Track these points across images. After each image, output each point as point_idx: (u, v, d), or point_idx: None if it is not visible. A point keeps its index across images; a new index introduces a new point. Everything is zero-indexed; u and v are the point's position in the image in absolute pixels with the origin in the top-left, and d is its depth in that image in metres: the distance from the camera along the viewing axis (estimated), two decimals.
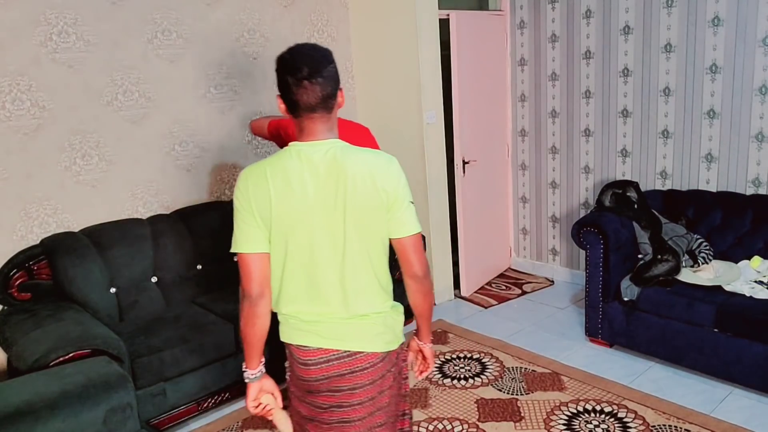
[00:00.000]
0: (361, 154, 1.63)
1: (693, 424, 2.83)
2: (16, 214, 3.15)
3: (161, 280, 3.45)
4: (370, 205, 1.60)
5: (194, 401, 3.07)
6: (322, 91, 1.58)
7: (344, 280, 1.63)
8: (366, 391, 1.68)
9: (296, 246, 1.62)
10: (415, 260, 1.69)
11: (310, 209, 1.59)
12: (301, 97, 1.58)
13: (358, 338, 1.66)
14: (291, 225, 1.60)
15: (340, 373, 1.66)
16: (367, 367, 1.67)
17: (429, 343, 1.88)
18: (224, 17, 3.82)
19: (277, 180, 1.59)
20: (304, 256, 1.63)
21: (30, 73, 3.13)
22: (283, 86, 1.61)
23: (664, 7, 3.87)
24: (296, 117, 1.62)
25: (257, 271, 1.66)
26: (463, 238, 4.52)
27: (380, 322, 1.69)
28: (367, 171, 1.60)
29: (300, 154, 1.61)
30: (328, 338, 1.65)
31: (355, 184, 1.58)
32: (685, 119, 3.91)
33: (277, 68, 1.64)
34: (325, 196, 1.59)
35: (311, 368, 1.67)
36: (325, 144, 1.62)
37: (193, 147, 3.77)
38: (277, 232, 1.62)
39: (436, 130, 4.29)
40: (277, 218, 1.60)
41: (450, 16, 4.26)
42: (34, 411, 2.09)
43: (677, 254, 3.41)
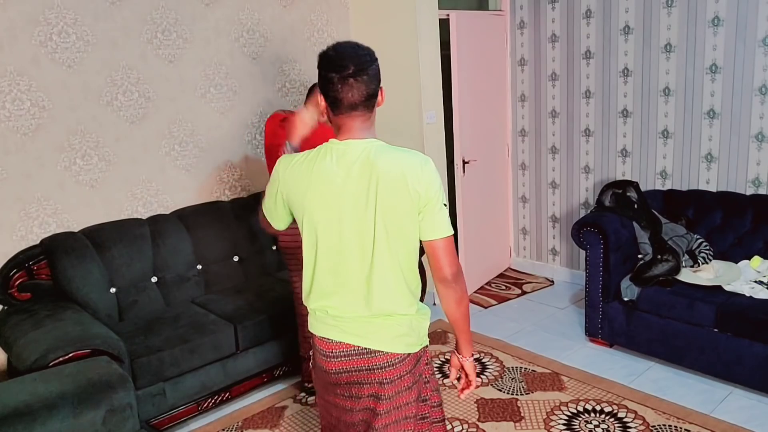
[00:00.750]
0: (395, 153, 1.62)
1: (693, 424, 2.83)
2: (15, 214, 3.15)
3: (161, 280, 3.45)
4: (401, 205, 1.59)
5: (194, 401, 3.06)
6: (366, 89, 1.62)
7: (371, 280, 1.63)
8: (384, 389, 1.67)
9: (326, 242, 1.64)
10: (445, 263, 1.66)
11: (340, 207, 1.61)
12: (345, 95, 1.59)
13: (380, 337, 1.66)
14: (321, 221, 1.63)
15: (359, 369, 1.67)
16: (386, 366, 1.66)
17: (469, 357, 1.82)
18: (223, 17, 3.82)
19: (311, 175, 1.63)
20: (333, 253, 1.64)
21: (29, 73, 3.13)
22: (326, 83, 1.61)
23: (664, 7, 3.87)
24: (337, 114, 1.63)
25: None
26: (463, 238, 4.52)
27: (405, 323, 1.68)
28: (399, 171, 1.58)
29: (336, 152, 1.63)
30: (350, 334, 1.67)
31: (387, 184, 1.57)
32: (685, 119, 3.90)
33: (319, 65, 1.63)
34: (356, 195, 1.59)
35: (332, 360, 1.69)
36: (361, 143, 1.62)
37: (192, 147, 3.77)
38: (308, 226, 1.66)
39: (436, 130, 4.28)
40: (309, 213, 1.64)
41: (450, 16, 4.26)
42: (32, 412, 2.09)
43: (677, 254, 3.41)
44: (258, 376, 3.29)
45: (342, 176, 1.60)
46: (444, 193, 1.66)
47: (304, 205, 1.64)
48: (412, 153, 1.64)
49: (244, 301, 3.40)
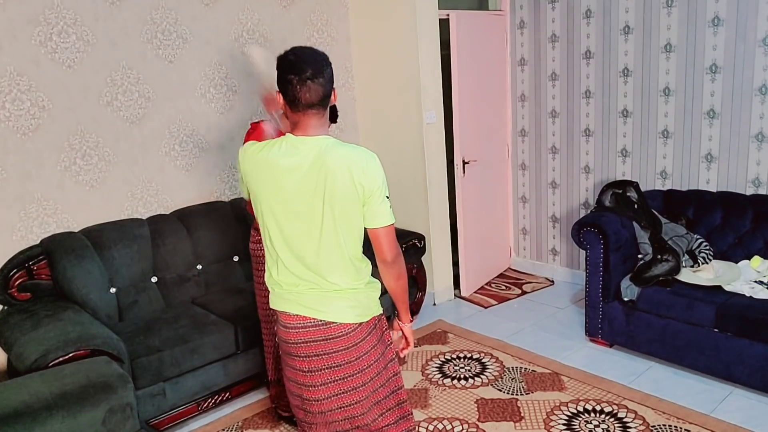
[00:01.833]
0: (344, 150, 1.79)
1: (693, 424, 2.83)
2: (15, 214, 3.15)
3: (161, 280, 3.45)
4: (347, 196, 1.78)
5: (194, 401, 3.06)
6: (322, 90, 1.79)
7: (320, 260, 1.84)
8: (341, 355, 1.88)
9: (282, 226, 1.83)
10: (386, 248, 1.87)
11: (291, 196, 1.79)
12: (303, 95, 1.76)
13: (332, 310, 1.86)
14: (276, 207, 1.82)
15: (315, 339, 1.87)
16: (339, 336, 1.87)
17: (407, 323, 2.07)
18: (223, 17, 3.82)
19: (268, 164, 1.80)
20: (287, 235, 1.84)
21: (29, 73, 3.13)
22: (285, 84, 1.79)
23: (664, 7, 3.87)
24: (294, 112, 1.80)
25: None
26: (463, 238, 4.52)
27: (352, 297, 1.89)
28: (346, 166, 1.76)
29: (291, 146, 1.80)
30: (305, 307, 1.87)
31: (335, 177, 1.76)
32: (685, 119, 3.90)
33: (279, 67, 1.83)
34: (306, 186, 1.78)
35: (290, 331, 1.89)
36: (314, 140, 1.80)
37: (192, 147, 3.77)
38: (266, 209, 1.84)
39: (436, 130, 4.28)
40: (265, 199, 1.83)
41: (450, 16, 4.26)
42: (31, 412, 2.08)
43: (677, 254, 3.41)
44: (258, 376, 3.29)
45: (295, 168, 1.78)
46: (387, 187, 1.86)
47: (260, 191, 1.83)
48: (359, 149, 1.82)
49: (244, 301, 3.40)
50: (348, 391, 1.91)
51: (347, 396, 1.91)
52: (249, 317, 3.23)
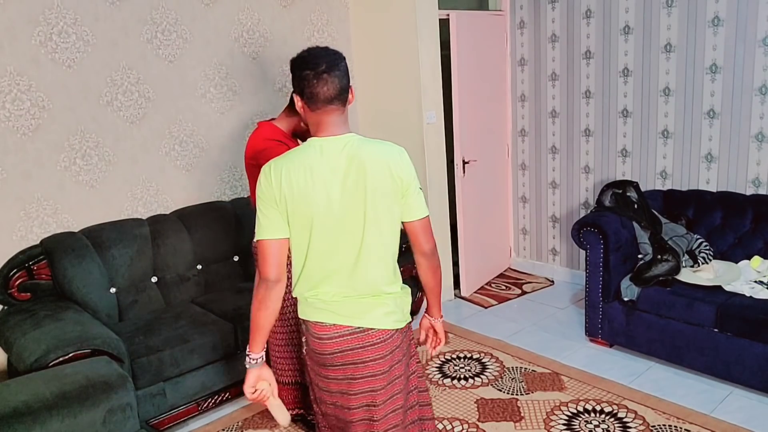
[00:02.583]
0: (376, 146, 1.78)
1: (693, 424, 2.83)
2: (15, 214, 3.15)
3: (161, 280, 3.45)
4: (387, 190, 1.76)
5: (194, 401, 3.06)
6: (339, 83, 1.75)
7: (359, 262, 1.78)
8: (378, 364, 1.82)
9: (319, 234, 1.75)
10: (425, 240, 1.87)
11: (331, 200, 1.73)
12: (321, 89, 1.72)
13: (370, 316, 1.81)
14: (314, 215, 1.73)
15: (353, 347, 1.80)
16: (377, 342, 1.81)
17: (440, 318, 2.07)
18: (223, 17, 3.82)
19: (300, 173, 1.71)
20: (325, 242, 1.76)
21: (29, 73, 3.13)
22: (302, 81, 1.75)
23: (664, 7, 3.87)
24: (314, 110, 1.75)
25: (277, 257, 1.78)
26: (463, 238, 4.52)
27: (390, 301, 1.84)
28: (384, 161, 1.75)
29: (321, 148, 1.75)
30: (342, 315, 1.80)
31: (375, 174, 1.74)
32: (685, 119, 3.90)
33: (294, 67, 1.78)
34: (347, 187, 1.73)
35: (326, 342, 1.81)
36: (341, 138, 1.76)
37: (192, 147, 3.77)
38: (300, 221, 1.75)
39: (436, 130, 4.28)
40: (301, 209, 1.73)
41: (450, 16, 4.26)
42: (31, 412, 2.08)
43: (677, 254, 3.41)
44: None
45: (331, 171, 1.73)
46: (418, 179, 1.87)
47: (295, 201, 1.72)
48: (388, 144, 1.81)
49: (244, 301, 3.40)
50: (374, 405, 1.85)
51: (372, 410, 1.86)
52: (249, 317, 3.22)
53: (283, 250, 1.78)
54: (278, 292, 1.79)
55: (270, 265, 1.77)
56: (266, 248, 1.77)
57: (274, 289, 1.78)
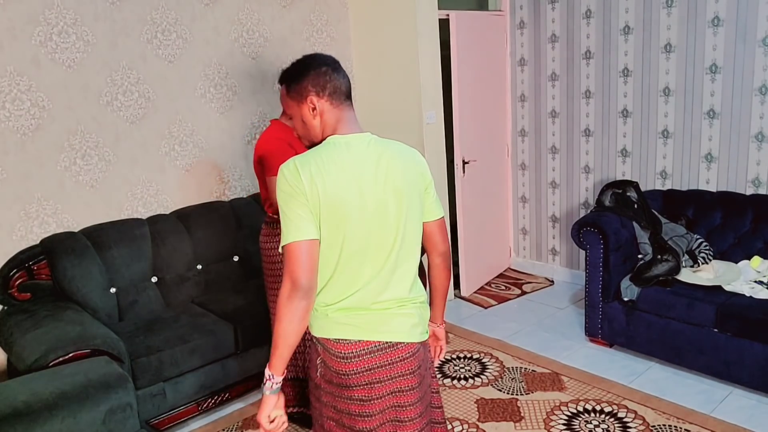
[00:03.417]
0: (396, 144, 1.73)
1: (693, 424, 2.83)
2: (15, 214, 3.15)
3: (161, 280, 3.45)
4: (416, 189, 1.72)
5: (194, 401, 3.06)
6: (348, 80, 1.74)
7: (390, 267, 1.68)
8: (405, 380, 1.71)
9: (353, 235, 1.63)
10: (442, 240, 1.84)
11: (365, 199, 1.63)
12: (342, 81, 1.70)
13: (398, 329, 1.70)
14: (347, 214, 1.62)
15: (380, 365, 1.67)
16: (406, 357, 1.70)
17: (442, 324, 2.02)
18: (223, 17, 3.82)
19: (330, 170, 1.60)
20: (358, 244, 1.64)
21: (29, 73, 3.13)
22: (321, 76, 1.68)
23: (664, 7, 3.87)
24: (337, 105, 1.69)
25: (310, 260, 1.61)
26: (463, 238, 4.52)
27: (416, 312, 1.75)
28: (410, 157, 1.72)
29: (348, 145, 1.66)
30: (368, 330, 1.67)
31: (405, 170, 1.68)
32: (685, 119, 3.90)
33: (303, 68, 1.71)
34: (378, 184, 1.65)
35: (351, 361, 1.66)
36: (364, 136, 1.69)
37: (192, 147, 3.77)
38: (334, 222, 1.61)
39: (436, 130, 4.28)
40: (334, 208, 1.60)
41: (450, 16, 4.26)
42: (31, 412, 2.08)
43: (677, 254, 3.41)
44: (258, 376, 3.29)
45: (360, 166, 1.64)
46: None
47: (327, 200, 1.59)
48: (404, 144, 1.77)
49: (244, 301, 3.41)
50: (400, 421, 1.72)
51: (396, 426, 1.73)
52: (249, 317, 3.24)
53: (317, 252, 1.63)
54: (312, 300, 1.62)
55: (305, 270, 1.59)
56: (300, 251, 1.59)
57: (309, 298, 1.61)
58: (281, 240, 1.63)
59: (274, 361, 1.63)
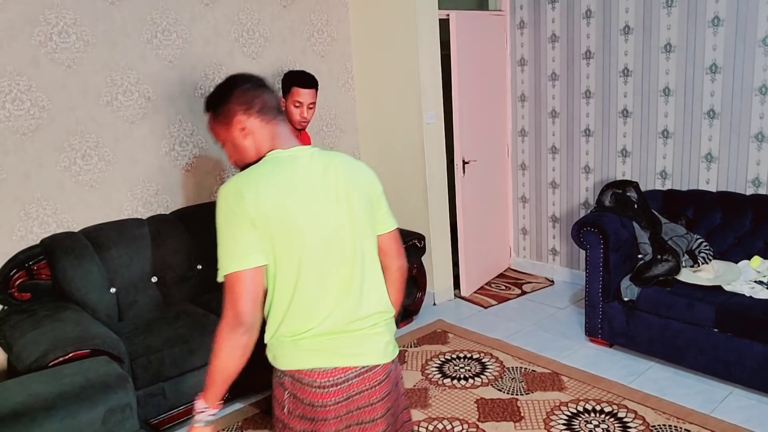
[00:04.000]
0: (341, 155, 1.65)
1: (693, 424, 2.83)
2: (15, 214, 3.15)
3: (161, 280, 3.45)
4: (368, 197, 1.63)
5: (194, 401, 3.05)
6: (276, 98, 1.70)
7: (355, 284, 1.57)
8: (384, 403, 1.61)
9: (310, 255, 1.51)
10: (399, 253, 1.75)
11: (319, 214, 1.52)
12: (268, 97, 1.65)
13: (373, 351, 1.59)
14: (302, 232, 1.50)
15: (360, 391, 1.55)
16: (382, 381, 1.60)
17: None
18: (223, 17, 3.82)
19: (278, 186, 1.49)
20: (317, 265, 1.52)
21: (29, 73, 3.13)
22: (245, 96, 1.63)
23: (664, 7, 3.87)
24: (270, 120, 1.62)
25: (255, 291, 1.48)
26: (463, 238, 4.52)
27: (386, 328, 1.64)
28: (357, 167, 1.64)
29: (292, 159, 1.56)
30: (343, 355, 1.55)
31: (356, 181, 1.60)
32: (685, 119, 3.90)
33: (229, 91, 1.65)
34: (330, 197, 1.55)
35: (329, 390, 1.52)
36: (307, 148, 1.61)
37: (192, 147, 3.77)
38: (285, 242, 1.49)
39: (436, 130, 4.28)
40: (285, 227, 1.48)
41: (450, 16, 4.26)
42: (30, 412, 2.08)
43: (677, 254, 3.41)
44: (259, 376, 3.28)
45: (309, 179, 1.54)
46: None
47: (278, 219, 1.47)
48: (349, 155, 1.70)
49: None
50: None
51: None
52: None
53: (261, 281, 1.49)
54: (254, 337, 1.50)
55: (247, 302, 1.46)
56: (242, 281, 1.45)
57: (252, 332, 1.48)
58: (219, 269, 1.48)
59: (210, 394, 1.57)
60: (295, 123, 3.08)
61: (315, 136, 4.21)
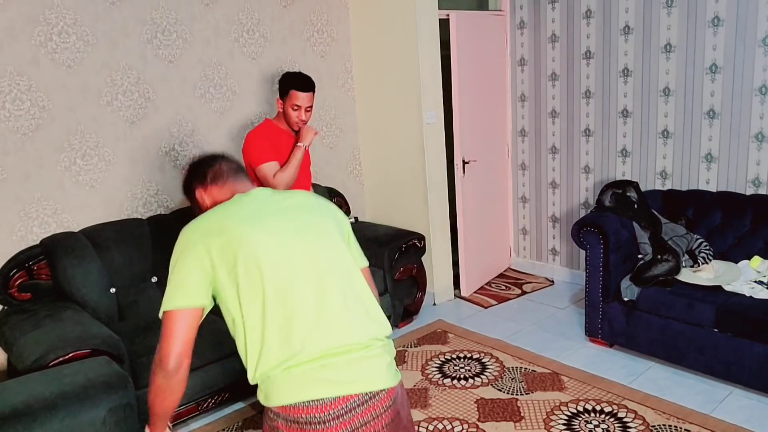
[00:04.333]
0: (303, 191, 1.80)
1: (693, 424, 2.83)
2: (15, 214, 3.15)
3: (161, 280, 3.45)
4: (339, 229, 1.67)
5: (194, 401, 3.06)
6: (234, 162, 1.87)
7: (344, 303, 1.54)
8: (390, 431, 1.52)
9: (274, 280, 1.49)
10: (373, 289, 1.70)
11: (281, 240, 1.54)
12: (220, 165, 1.79)
13: (375, 374, 1.50)
14: (265, 260, 1.48)
15: (365, 421, 1.45)
16: (389, 407, 1.50)
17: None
18: (223, 17, 3.82)
19: (240, 218, 1.55)
20: (283, 288, 1.49)
21: (29, 74, 3.13)
22: (198, 172, 1.80)
23: (664, 7, 3.87)
24: (226, 181, 1.76)
25: (185, 334, 1.48)
26: (463, 238, 4.52)
27: (386, 350, 1.57)
28: (321, 202, 1.74)
29: (252, 195, 1.68)
30: (347, 383, 1.45)
31: (320, 213, 1.67)
32: (685, 119, 3.90)
33: (189, 177, 1.83)
34: (292, 223, 1.60)
35: (332, 425, 1.41)
36: (266, 189, 1.75)
37: (192, 147, 3.77)
38: (250, 271, 1.48)
39: (436, 130, 4.28)
40: (248, 257, 1.48)
41: (450, 16, 4.26)
42: (31, 412, 2.08)
43: (677, 254, 3.41)
44: None
45: (268, 209, 1.62)
46: None
47: (246, 255, 1.48)
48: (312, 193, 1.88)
49: None
50: None
51: None
52: None
53: (194, 324, 1.49)
54: (182, 378, 1.47)
55: (173, 343, 1.44)
56: (176, 320, 1.45)
57: (171, 380, 1.45)
58: (162, 305, 1.50)
59: (157, 423, 1.57)
60: (292, 125, 3.10)
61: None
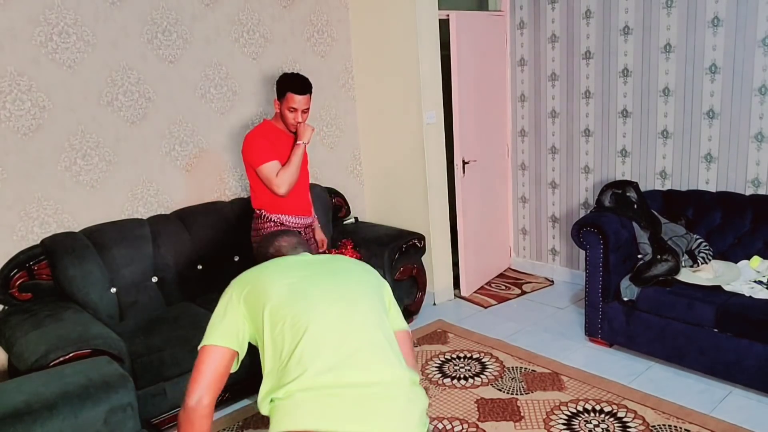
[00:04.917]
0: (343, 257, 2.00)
1: (693, 424, 2.83)
2: (16, 214, 3.16)
3: (161, 280, 3.45)
4: (377, 288, 1.83)
5: None
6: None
7: (372, 345, 1.59)
8: None
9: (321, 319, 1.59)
10: (408, 353, 1.88)
11: (314, 284, 1.71)
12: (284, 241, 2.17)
13: (415, 424, 1.44)
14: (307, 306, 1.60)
15: None
16: None
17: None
18: (223, 17, 3.82)
19: (279, 268, 1.75)
20: (332, 324, 1.58)
21: (30, 74, 3.13)
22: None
23: (664, 7, 3.87)
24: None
25: (214, 373, 1.52)
26: (463, 238, 4.52)
27: (422, 398, 1.57)
28: (366, 266, 1.93)
29: (296, 253, 1.96)
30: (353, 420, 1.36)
31: (352, 262, 1.87)
32: (685, 119, 3.91)
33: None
34: (329, 275, 1.75)
35: None
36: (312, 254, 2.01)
37: (192, 147, 3.77)
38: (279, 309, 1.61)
39: (436, 130, 4.29)
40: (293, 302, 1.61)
41: (450, 16, 4.26)
42: (32, 412, 2.08)
43: (677, 254, 3.41)
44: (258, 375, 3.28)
45: (308, 262, 1.83)
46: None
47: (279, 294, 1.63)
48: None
49: None
50: None
51: None
52: None
53: (225, 364, 1.51)
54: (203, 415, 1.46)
55: (200, 380, 1.45)
56: (209, 355, 1.48)
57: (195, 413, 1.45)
58: (204, 338, 1.56)
59: None
60: (289, 126, 3.13)
61: (315, 137, 4.21)
